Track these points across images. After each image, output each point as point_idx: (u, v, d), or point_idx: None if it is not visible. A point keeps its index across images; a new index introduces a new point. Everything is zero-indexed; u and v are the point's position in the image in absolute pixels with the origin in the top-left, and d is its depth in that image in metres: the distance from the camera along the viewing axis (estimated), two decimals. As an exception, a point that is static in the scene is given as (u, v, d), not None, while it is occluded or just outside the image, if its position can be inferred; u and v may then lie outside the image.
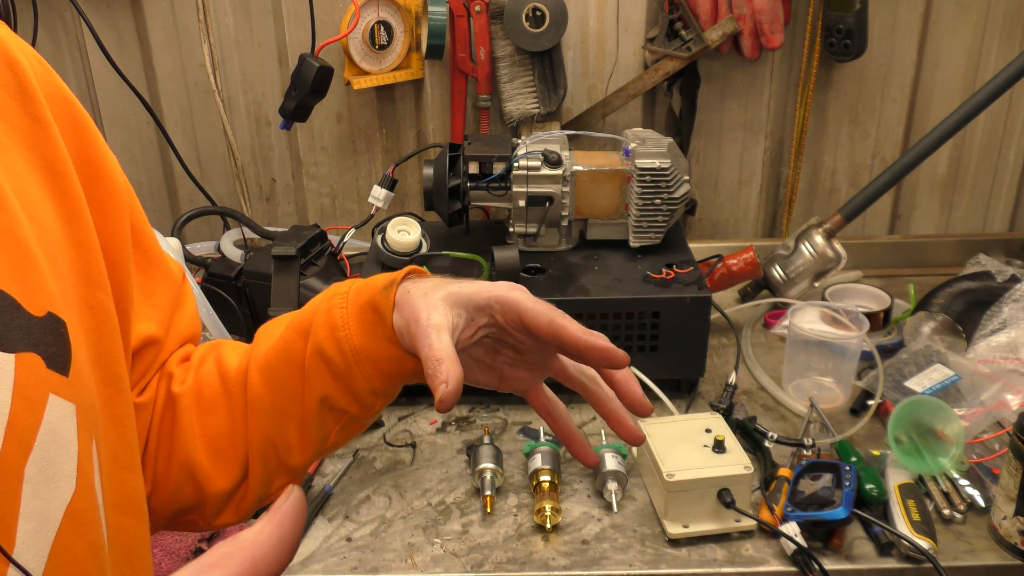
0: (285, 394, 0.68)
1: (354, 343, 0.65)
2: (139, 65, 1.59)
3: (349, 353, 0.65)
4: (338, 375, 0.66)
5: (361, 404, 0.68)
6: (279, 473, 0.70)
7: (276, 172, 1.69)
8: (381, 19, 1.50)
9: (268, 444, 0.69)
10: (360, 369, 0.66)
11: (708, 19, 1.50)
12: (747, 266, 1.47)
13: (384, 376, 0.66)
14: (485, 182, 1.33)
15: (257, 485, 0.71)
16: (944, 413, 1.10)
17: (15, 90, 0.55)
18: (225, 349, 0.73)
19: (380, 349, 0.65)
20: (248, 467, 0.70)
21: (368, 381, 0.66)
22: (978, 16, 1.59)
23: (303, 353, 0.67)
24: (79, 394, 0.52)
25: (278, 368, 0.68)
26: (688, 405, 1.28)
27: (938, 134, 1.40)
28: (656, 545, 1.04)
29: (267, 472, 0.70)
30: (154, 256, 0.69)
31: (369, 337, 0.65)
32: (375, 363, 0.66)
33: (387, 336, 0.65)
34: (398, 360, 0.65)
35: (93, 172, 0.60)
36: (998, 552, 1.02)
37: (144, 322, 0.67)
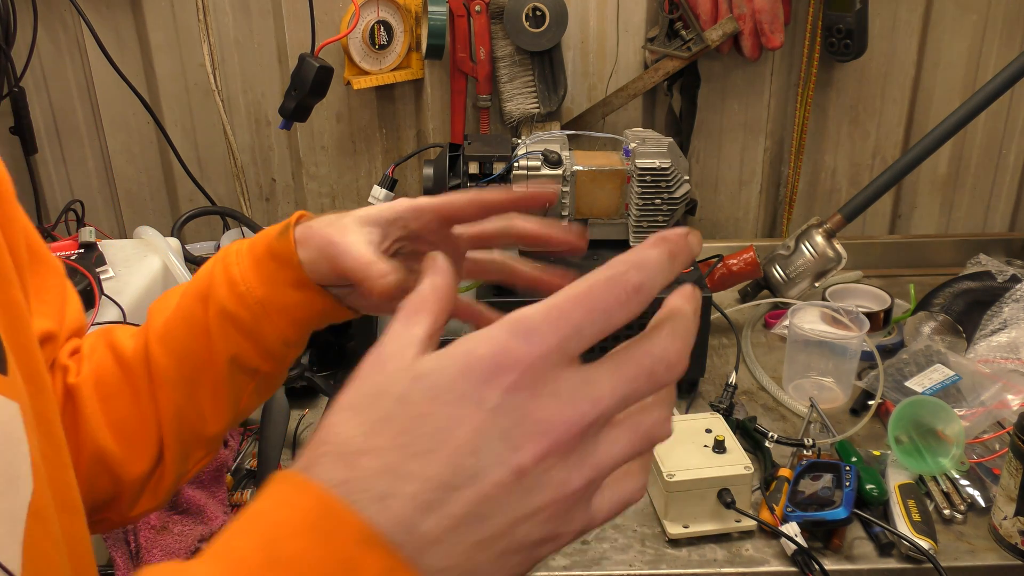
0: (192, 362, 0.67)
1: (257, 295, 0.65)
2: (139, 65, 1.59)
3: (255, 306, 0.65)
4: (246, 331, 0.66)
5: (273, 358, 0.67)
6: (195, 446, 0.70)
7: (276, 172, 1.69)
8: (381, 19, 1.50)
9: (180, 417, 0.68)
10: (268, 320, 0.65)
11: (708, 19, 1.50)
12: (747, 266, 1.47)
13: (295, 323, 0.66)
14: (485, 182, 1.33)
15: (174, 462, 0.69)
16: (944, 413, 1.10)
17: None
18: (117, 333, 0.72)
19: (286, 296, 0.65)
20: (163, 445, 0.69)
21: (278, 331, 0.66)
22: (978, 16, 1.59)
23: (205, 317, 0.66)
24: (19, 393, 0.52)
25: (181, 336, 0.67)
26: (688, 405, 1.28)
27: (938, 134, 1.39)
28: (656, 545, 1.04)
29: (183, 447, 0.69)
30: (40, 252, 0.67)
31: (272, 286, 0.65)
32: (283, 311, 0.65)
33: (291, 281, 0.64)
34: (307, 303, 0.65)
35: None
36: (998, 552, 1.01)
37: (39, 319, 0.66)
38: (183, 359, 0.67)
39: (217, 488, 1.06)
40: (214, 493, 1.05)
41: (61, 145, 1.65)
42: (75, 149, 1.66)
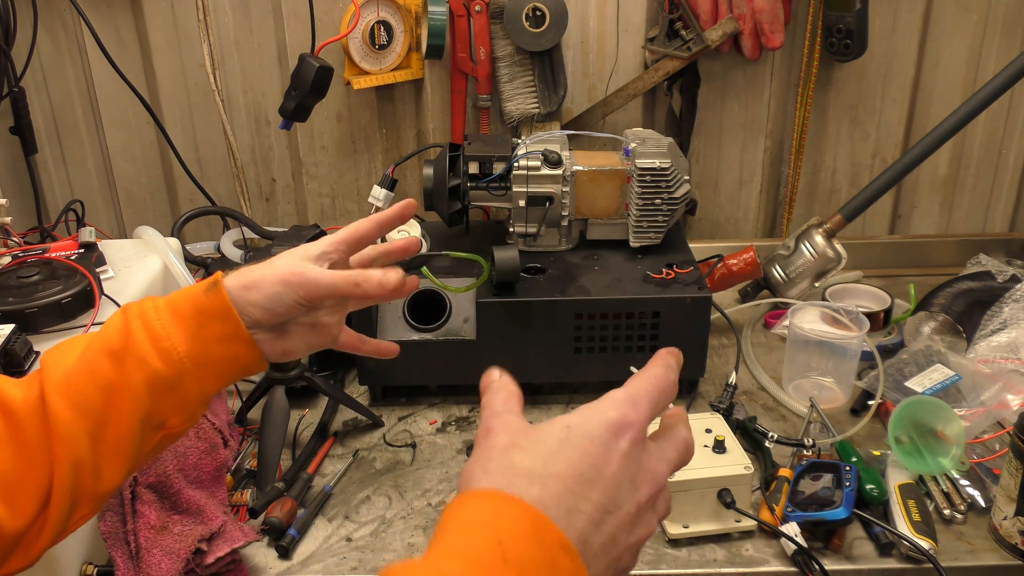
0: (96, 418, 0.66)
1: (181, 350, 0.67)
2: (139, 65, 1.59)
3: (179, 361, 0.67)
4: (166, 388, 0.67)
5: (186, 412, 0.69)
6: (84, 502, 0.68)
7: (276, 172, 1.69)
8: (381, 19, 1.50)
9: (76, 471, 0.66)
10: (191, 376, 0.68)
11: (708, 19, 1.50)
12: (747, 266, 1.47)
13: (217, 377, 0.69)
14: (485, 182, 1.33)
15: (58, 519, 0.67)
16: (944, 413, 1.10)
17: None
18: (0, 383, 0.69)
19: (212, 351, 0.68)
20: (49, 501, 0.66)
21: (200, 386, 0.68)
22: (978, 16, 1.59)
23: (118, 374, 0.66)
24: None
25: (86, 391, 0.66)
26: (688, 405, 1.28)
27: (938, 134, 1.39)
28: (656, 545, 1.04)
29: (72, 501, 0.67)
30: None
31: (198, 342, 0.68)
32: (207, 366, 0.68)
33: (219, 335, 0.68)
34: (232, 357, 0.69)
35: None
36: (998, 552, 1.01)
37: None
38: (87, 414, 0.66)
39: (217, 488, 1.06)
40: (214, 493, 1.05)
41: (61, 145, 1.65)
42: (75, 149, 1.66)
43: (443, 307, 1.26)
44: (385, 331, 1.25)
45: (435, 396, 1.32)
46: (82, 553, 0.97)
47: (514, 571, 0.43)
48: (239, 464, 1.16)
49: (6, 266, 1.13)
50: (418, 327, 1.25)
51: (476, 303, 1.23)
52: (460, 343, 1.24)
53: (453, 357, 1.25)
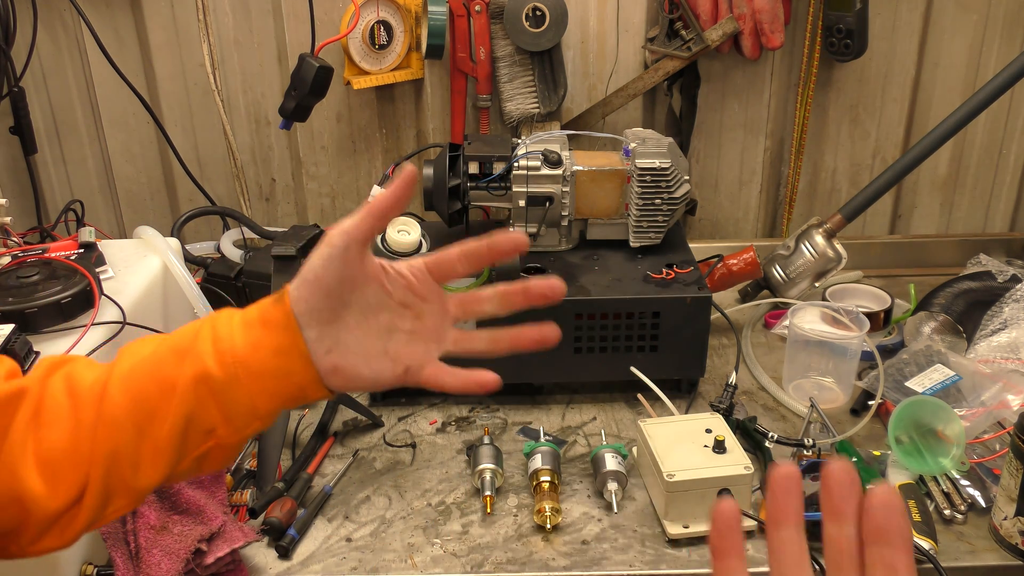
0: (146, 409, 0.65)
1: (237, 354, 0.65)
2: (139, 65, 1.59)
3: (232, 365, 0.64)
4: (216, 390, 0.65)
5: (234, 425, 0.66)
6: (120, 493, 0.67)
7: (276, 172, 1.69)
8: (381, 19, 1.50)
9: (114, 460, 0.66)
10: (241, 384, 0.65)
11: (708, 19, 1.50)
12: (747, 266, 1.47)
13: (268, 393, 0.65)
14: (485, 182, 1.33)
15: (93, 506, 0.67)
16: (945, 413, 1.10)
17: None
18: (79, 364, 0.70)
19: (266, 362, 0.65)
20: (87, 485, 0.66)
21: (249, 397, 0.65)
22: (978, 16, 1.59)
23: (176, 371, 0.65)
24: None
25: (144, 381, 0.66)
26: (688, 405, 1.28)
27: (939, 134, 1.39)
28: (656, 545, 1.04)
29: (107, 491, 0.67)
30: None
31: (255, 350, 0.65)
32: (259, 377, 0.65)
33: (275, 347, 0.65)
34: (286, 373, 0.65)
35: None
36: (999, 552, 1.01)
37: None
38: (138, 403, 0.66)
39: (217, 488, 1.06)
40: (214, 493, 1.05)
41: (61, 145, 1.65)
42: (75, 149, 1.66)
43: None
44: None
45: (435, 396, 1.32)
46: (82, 553, 0.97)
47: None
48: (239, 464, 1.16)
49: (6, 266, 1.13)
50: (418, 327, 1.25)
51: (476, 303, 1.23)
52: (460, 343, 1.24)
53: (453, 357, 1.25)
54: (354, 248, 0.65)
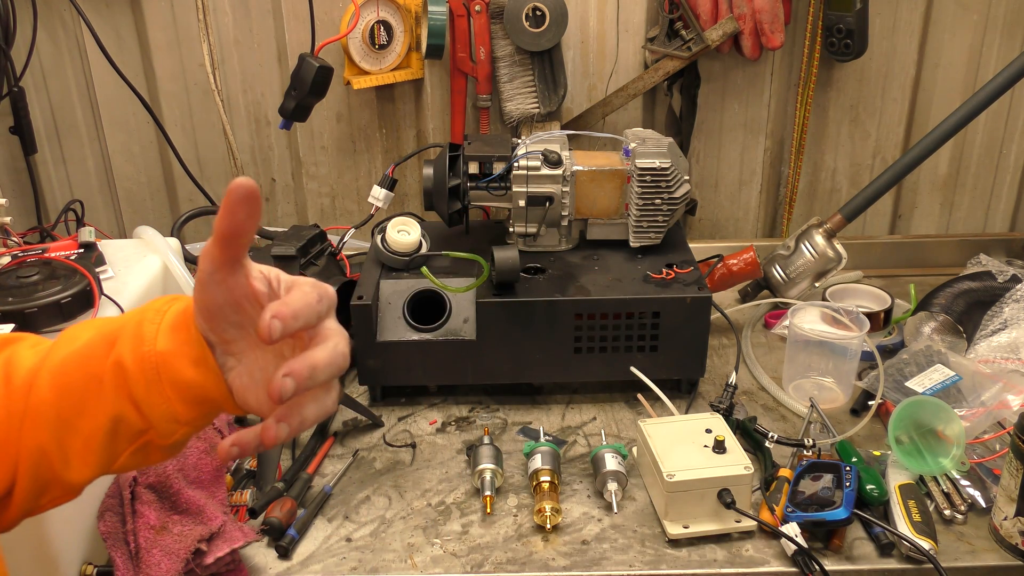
0: (73, 405, 0.63)
1: (154, 360, 0.62)
2: (139, 65, 1.59)
3: (150, 371, 0.62)
4: (134, 394, 0.62)
5: (158, 430, 0.63)
6: (52, 485, 0.65)
7: (276, 172, 1.69)
8: (381, 19, 1.50)
9: (42, 453, 0.64)
10: (159, 390, 0.62)
11: (708, 19, 1.50)
12: (747, 266, 1.47)
13: (186, 402, 0.62)
14: (485, 182, 1.33)
15: (25, 495, 0.65)
16: (945, 413, 1.09)
17: None
18: (22, 346, 0.68)
19: (183, 371, 0.62)
20: (16, 475, 0.65)
21: (167, 405, 0.62)
22: (979, 16, 1.59)
23: (103, 363, 0.63)
24: None
25: (74, 375, 0.64)
26: (688, 405, 1.28)
27: (939, 134, 1.39)
28: (656, 545, 1.04)
29: (38, 482, 0.65)
30: None
31: (174, 357, 0.62)
32: (176, 385, 0.62)
33: (193, 356, 0.62)
34: (200, 384, 0.62)
35: None
36: (999, 552, 1.01)
37: None
38: (64, 399, 0.64)
39: (217, 488, 1.06)
40: (214, 493, 1.05)
41: (61, 145, 1.65)
42: (75, 149, 1.66)
43: (443, 307, 1.26)
44: (385, 331, 1.25)
45: (435, 396, 1.32)
46: (82, 553, 0.97)
47: None
48: (239, 464, 1.16)
49: (6, 266, 1.13)
50: (418, 327, 1.25)
51: (476, 303, 1.23)
52: (460, 343, 1.24)
53: (453, 357, 1.25)
54: (219, 273, 0.60)
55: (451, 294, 1.25)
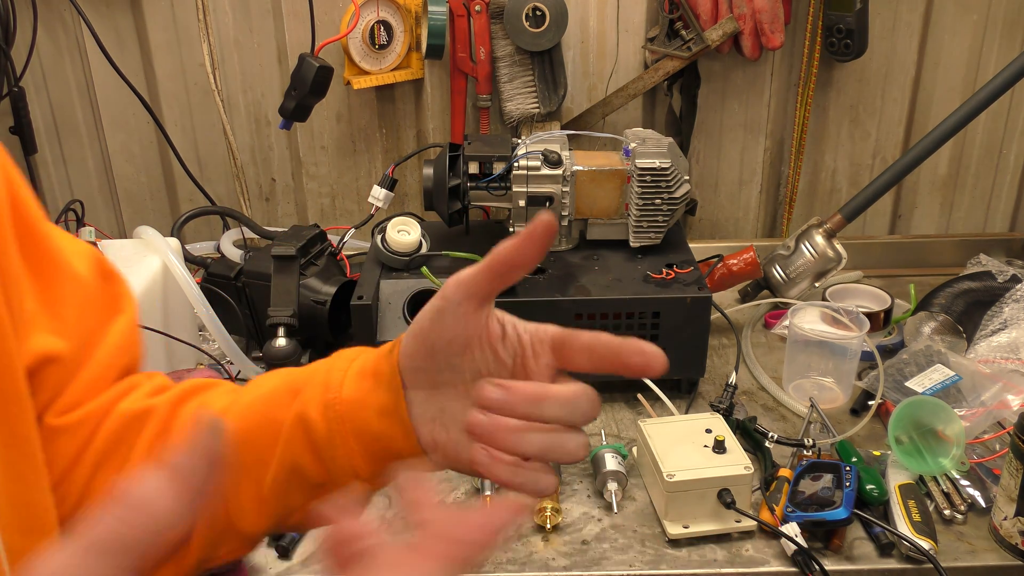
0: (252, 451, 0.60)
1: (340, 410, 0.57)
2: (139, 65, 1.59)
3: (334, 420, 0.58)
4: (316, 445, 0.58)
5: (336, 484, 0.59)
6: (228, 535, 0.62)
7: (276, 172, 1.69)
8: (381, 19, 1.50)
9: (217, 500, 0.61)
10: (343, 442, 0.58)
11: (708, 19, 1.50)
12: (747, 266, 1.47)
13: (368, 456, 0.58)
14: (485, 182, 1.33)
15: (201, 544, 0.62)
16: (945, 413, 1.10)
17: None
18: (216, 391, 0.66)
19: (368, 422, 0.57)
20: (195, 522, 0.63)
21: (348, 458, 0.58)
22: (979, 16, 1.59)
23: (284, 414, 0.60)
24: None
25: (255, 421, 0.61)
26: (688, 405, 1.28)
27: (939, 134, 1.39)
28: (656, 545, 1.04)
29: (214, 532, 0.62)
30: (57, 261, 0.61)
31: (359, 408, 0.57)
32: (360, 437, 0.57)
33: (379, 406, 0.57)
34: (386, 436, 0.57)
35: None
36: (999, 552, 1.01)
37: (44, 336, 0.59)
38: (244, 443, 0.61)
39: (217, 488, 1.06)
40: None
41: (61, 145, 1.65)
42: (75, 149, 1.66)
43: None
44: (385, 331, 1.25)
45: (435, 396, 1.32)
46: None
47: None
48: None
49: (6, 266, 1.13)
50: (418, 327, 1.25)
51: (476, 303, 1.23)
52: (460, 343, 1.24)
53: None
54: (469, 304, 0.55)
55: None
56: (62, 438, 0.62)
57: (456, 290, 0.55)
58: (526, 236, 0.53)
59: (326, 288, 1.30)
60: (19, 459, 0.55)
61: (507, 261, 0.54)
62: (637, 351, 0.56)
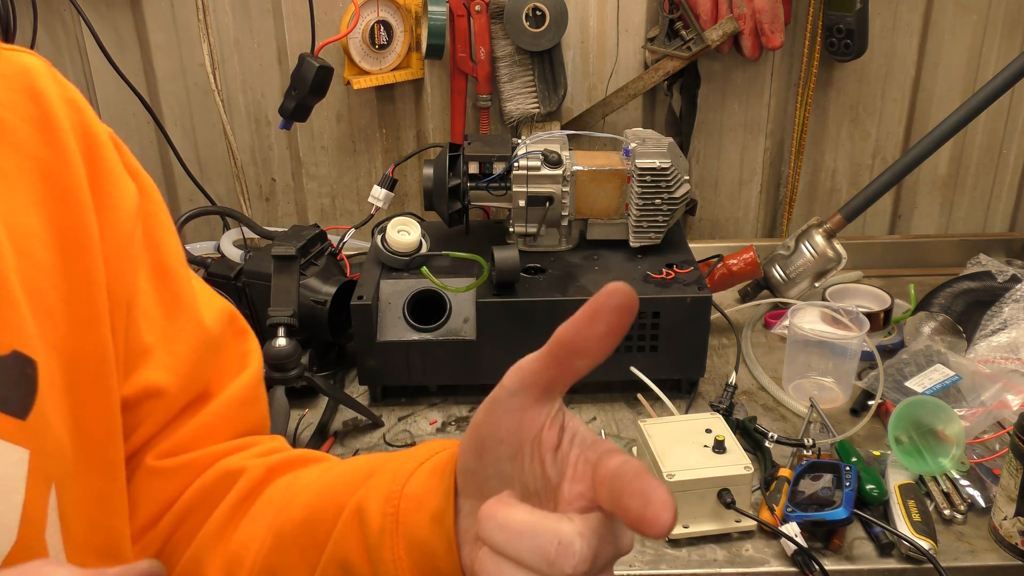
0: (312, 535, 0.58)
1: (398, 505, 0.52)
2: (139, 65, 1.59)
3: (390, 516, 0.53)
4: (367, 541, 0.54)
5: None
6: None
7: (276, 172, 1.69)
8: (381, 19, 1.50)
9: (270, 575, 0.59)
10: (392, 543, 0.52)
11: (708, 19, 1.50)
12: (747, 266, 1.47)
13: (413, 565, 0.52)
14: (485, 182, 1.33)
15: None
16: (944, 413, 1.10)
17: (36, 121, 0.55)
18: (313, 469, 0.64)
19: (419, 526, 0.52)
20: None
21: (394, 564, 0.52)
22: (978, 16, 1.59)
23: (352, 496, 0.56)
24: (37, 438, 0.50)
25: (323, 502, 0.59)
26: (688, 405, 1.28)
27: (939, 134, 1.39)
28: (656, 545, 1.04)
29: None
30: (184, 301, 0.63)
31: (419, 507, 0.52)
32: (409, 541, 0.52)
33: (435, 512, 0.51)
34: (431, 545, 0.51)
35: (101, 203, 0.58)
36: (998, 552, 1.01)
37: (154, 369, 0.60)
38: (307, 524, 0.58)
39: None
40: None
41: (61, 145, 1.65)
42: (75, 149, 1.66)
43: (443, 307, 1.26)
44: (385, 331, 1.25)
45: (435, 396, 1.32)
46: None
47: None
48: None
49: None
50: (418, 327, 1.25)
51: (476, 303, 1.23)
52: (460, 343, 1.24)
53: (453, 357, 1.25)
54: (527, 395, 0.47)
55: (451, 294, 1.25)
56: (159, 481, 0.62)
57: (513, 377, 0.47)
58: (589, 312, 0.43)
59: (326, 288, 1.30)
60: (104, 483, 0.56)
61: (567, 343, 0.44)
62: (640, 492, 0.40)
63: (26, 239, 0.52)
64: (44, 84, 0.56)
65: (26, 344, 0.50)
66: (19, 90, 0.55)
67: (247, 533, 0.61)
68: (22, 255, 0.52)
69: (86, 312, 0.55)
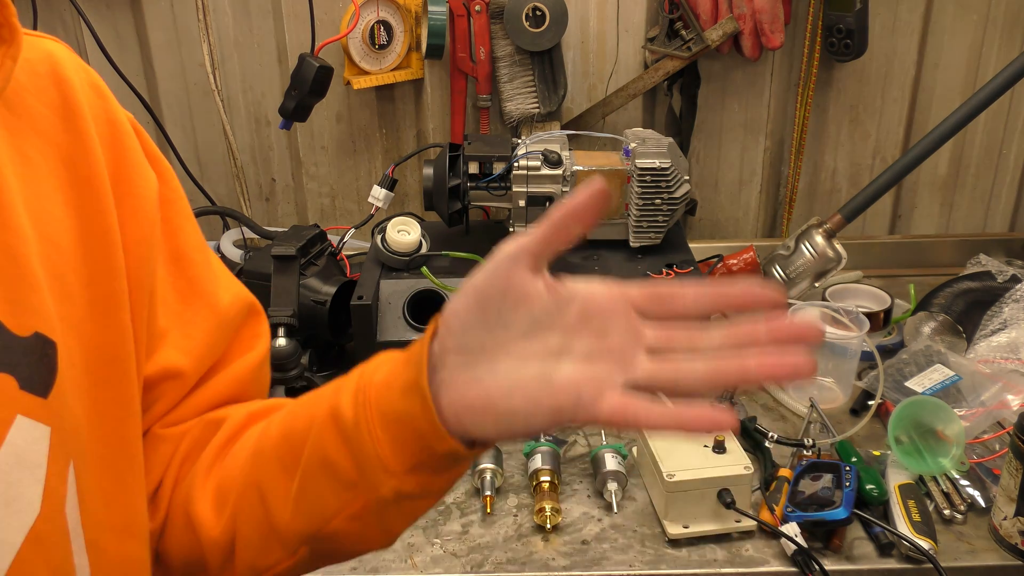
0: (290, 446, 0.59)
1: (369, 394, 0.55)
2: (139, 65, 1.59)
3: (360, 404, 0.55)
4: (345, 433, 0.55)
5: (367, 480, 0.55)
6: (270, 542, 0.60)
7: (276, 172, 1.69)
8: (381, 19, 1.50)
9: (258, 496, 0.60)
10: (368, 427, 0.54)
11: (708, 19, 1.50)
12: (747, 266, 1.47)
13: (393, 441, 0.53)
14: (485, 182, 1.33)
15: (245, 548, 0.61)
16: (944, 413, 1.10)
17: (59, 108, 0.56)
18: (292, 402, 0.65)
19: (391, 400, 0.54)
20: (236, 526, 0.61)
21: (373, 443, 0.54)
22: (979, 16, 1.59)
23: (326, 402, 0.58)
24: (57, 416, 0.51)
25: (298, 414, 0.61)
26: (688, 405, 1.28)
27: (939, 134, 1.39)
28: (656, 545, 1.04)
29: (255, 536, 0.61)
30: (199, 286, 0.65)
31: (388, 388, 0.54)
32: (383, 417, 0.53)
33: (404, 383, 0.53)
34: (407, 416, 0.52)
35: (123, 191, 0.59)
36: (998, 552, 1.01)
37: (171, 351, 0.62)
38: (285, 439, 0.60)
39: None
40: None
41: (61, 145, 1.65)
42: (75, 149, 1.66)
43: (443, 307, 1.26)
44: (385, 331, 1.25)
45: (435, 396, 1.32)
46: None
47: None
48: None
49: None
50: (418, 327, 1.25)
51: (476, 303, 1.23)
52: (460, 343, 1.24)
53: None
54: (524, 259, 0.53)
55: (451, 294, 1.25)
56: (162, 445, 0.65)
57: (511, 245, 0.54)
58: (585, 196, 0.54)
59: (326, 288, 1.30)
60: (121, 462, 0.57)
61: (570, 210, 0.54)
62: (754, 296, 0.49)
63: (49, 224, 0.53)
64: (68, 71, 0.58)
65: (47, 326, 0.51)
66: (44, 75, 0.57)
67: (231, 464, 0.63)
68: (45, 240, 0.53)
69: (106, 296, 0.56)
